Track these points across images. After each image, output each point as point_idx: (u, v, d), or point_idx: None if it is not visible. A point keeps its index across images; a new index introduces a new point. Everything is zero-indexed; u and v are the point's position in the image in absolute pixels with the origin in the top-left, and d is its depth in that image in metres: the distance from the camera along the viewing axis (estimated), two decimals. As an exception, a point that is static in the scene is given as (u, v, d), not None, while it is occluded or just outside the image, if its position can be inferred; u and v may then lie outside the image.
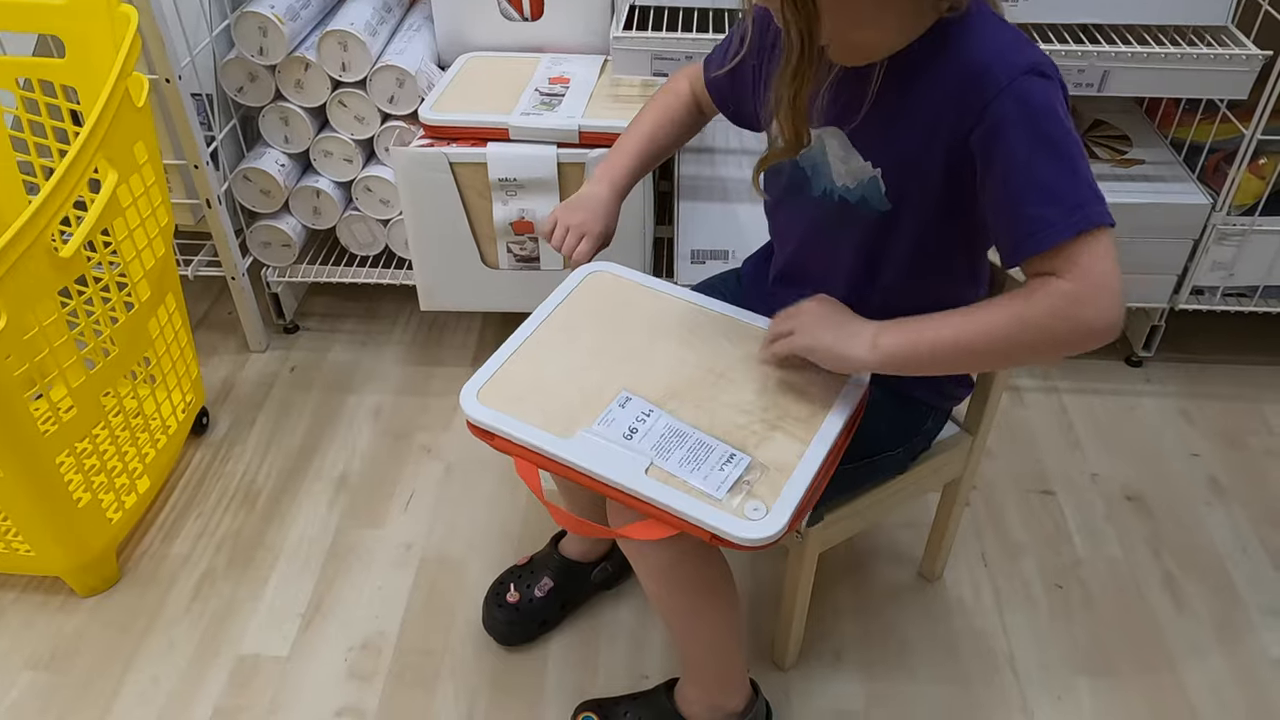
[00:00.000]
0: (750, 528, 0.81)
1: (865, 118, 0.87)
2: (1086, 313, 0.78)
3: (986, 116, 0.80)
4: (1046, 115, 0.80)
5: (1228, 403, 1.63)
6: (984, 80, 0.80)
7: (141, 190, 1.29)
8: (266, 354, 1.74)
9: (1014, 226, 0.82)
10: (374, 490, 1.48)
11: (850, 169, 0.91)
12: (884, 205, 0.91)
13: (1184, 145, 1.58)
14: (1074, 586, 1.34)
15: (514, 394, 0.93)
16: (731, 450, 0.88)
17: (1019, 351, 0.84)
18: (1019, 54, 0.81)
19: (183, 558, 1.38)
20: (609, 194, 1.05)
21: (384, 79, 1.51)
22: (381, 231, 1.67)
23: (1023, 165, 0.80)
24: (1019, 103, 0.80)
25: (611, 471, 0.85)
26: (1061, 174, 0.79)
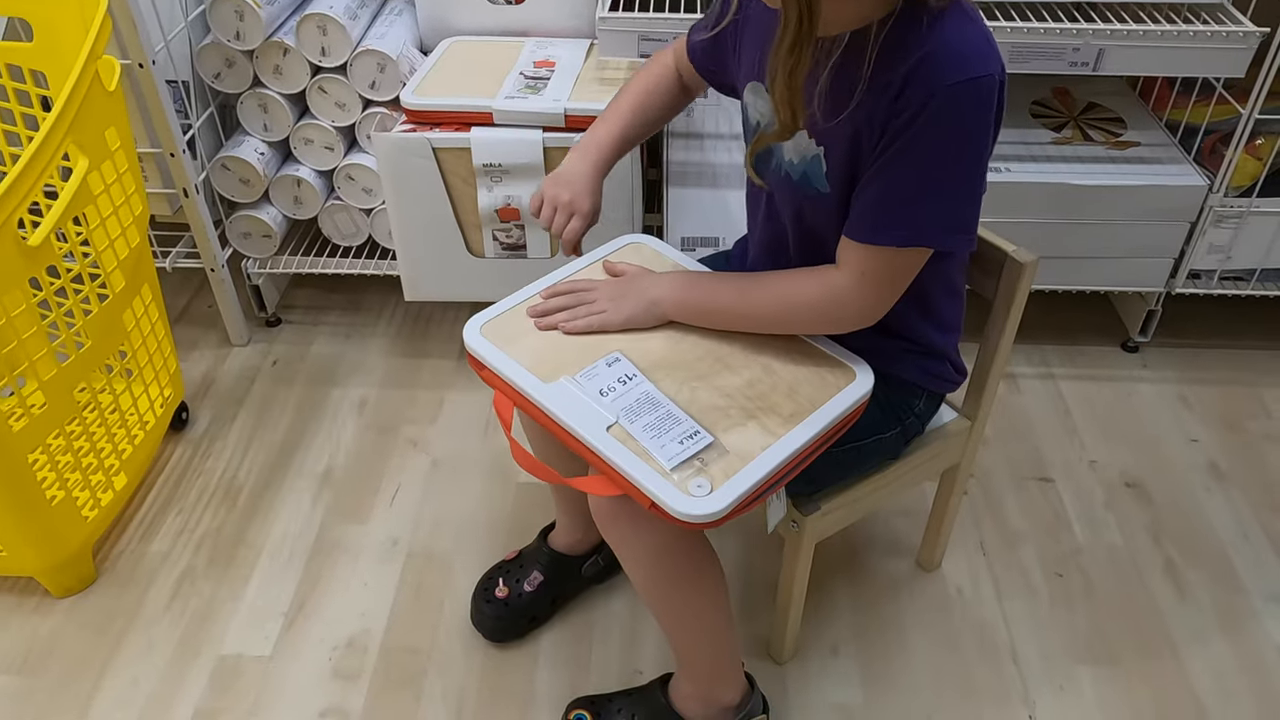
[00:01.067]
0: (688, 502, 0.80)
1: (818, 93, 0.84)
2: (834, 314, 0.91)
3: (926, 109, 0.78)
4: (958, 138, 0.80)
5: (1226, 387, 1.61)
6: (934, 74, 0.78)
7: (114, 177, 1.25)
8: (248, 348, 1.70)
9: (873, 206, 0.85)
10: (359, 485, 1.45)
11: (796, 144, 0.89)
12: (824, 186, 0.89)
13: (1179, 127, 1.56)
14: (1074, 575, 1.32)
15: (513, 334, 0.97)
16: (697, 428, 0.86)
17: (787, 324, 0.95)
18: (978, 56, 0.79)
19: (162, 556, 1.34)
20: (593, 169, 1.03)
21: (365, 64, 1.47)
22: (364, 221, 1.63)
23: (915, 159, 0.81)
24: (942, 113, 0.78)
25: (574, 421, 0.87)
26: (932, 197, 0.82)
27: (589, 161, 1.03)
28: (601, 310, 0.96)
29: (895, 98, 0.79)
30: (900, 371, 0.98)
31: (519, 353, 0.94)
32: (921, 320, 0.98)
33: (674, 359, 0.93)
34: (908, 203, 0.83)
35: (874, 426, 1.00)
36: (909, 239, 0.85)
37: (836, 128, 0.84)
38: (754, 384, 0.91)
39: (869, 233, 0.85)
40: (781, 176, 0.93)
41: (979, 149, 0.82)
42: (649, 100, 1.07)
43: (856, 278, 0.87)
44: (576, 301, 0.98)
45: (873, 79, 0.80)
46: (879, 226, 0.85)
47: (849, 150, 0.85)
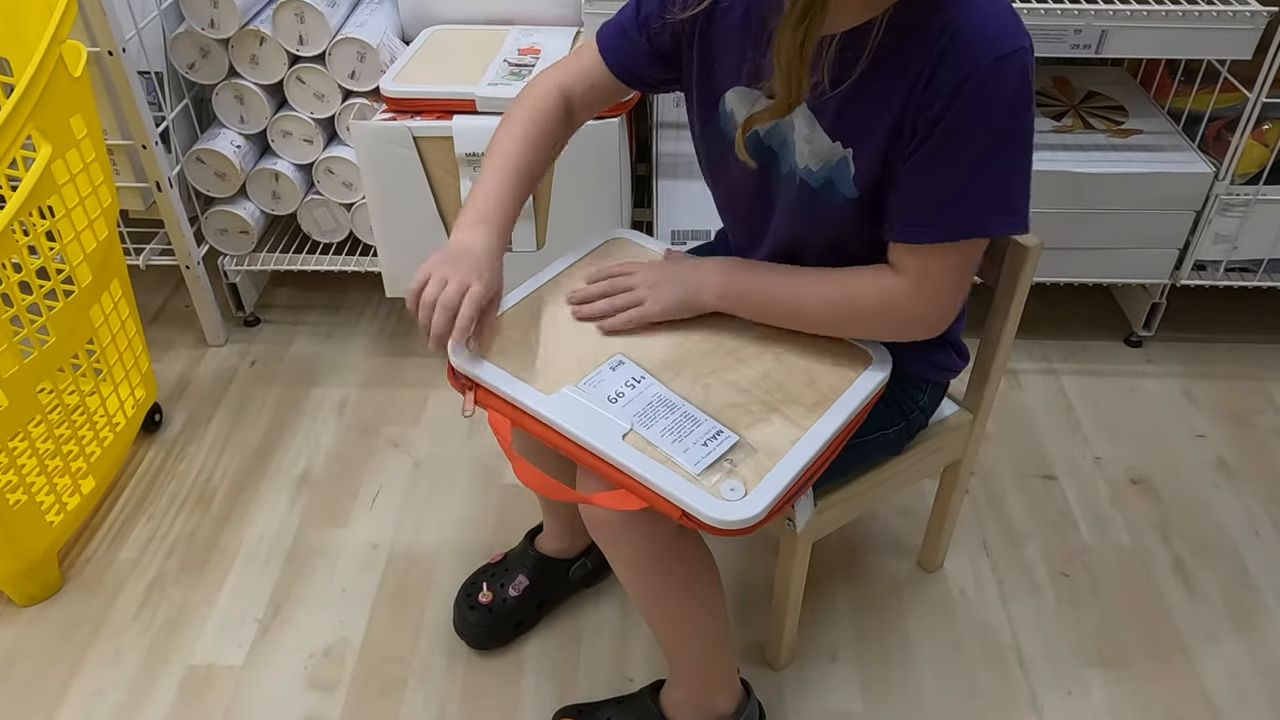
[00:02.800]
0: (723, 508, 0.75)
1: (837, 90, 0.78)
2: (902, 318, 0.85)
3: (960, 95, 0.74)
4: (1007, 108, 0.75)
5: (1232, 382, 1.57)
6: (966, 55, 0.73)
7: (80, 167, 1.20)
8: (225, 348, 1.65)
9: (915, 206, 0.80)
10: (338, 488, 1.39)
11: (814, 150, 0.83)
12: (851, 192, 0.83)
13: (1182, 116, 1.52)
14: (1081, 574, 1.27)
15: (503, 345, 0.89)
16: (719, 427, 0.81)
17: (843, 328, 0.89)
18: (997, 35, 0.74)
19: (131, 563, 1.28)
20: (491, 243, 0.86)
21: (344, 53, 1.43)
22: (345, 216, 1.58)
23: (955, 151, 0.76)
24: (987, 86, 0.74)
25: (586, 433, 0.80)
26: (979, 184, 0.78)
27: (482, 235, 0.86)
28: (639, 301, 0.90)
29: (926, 85, 0.75)
30: (905, 363, 0.94)
31: (513, 365, 0.87)
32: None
33: (681, 356, 0.88)
34: (960, 192, 0.78)
35: (877, 421, 0.96)
36: (967, 230, 0.79)
37: (862, 125, 0.79)
38: (769, 375, 0.86)
39: (921, 231, 0.80)
40: (796, 186, 0.86)
41: (1025, 124, 0.77)
42: (536, 149, 0.92)
43: (917, 282, 0.82)
44: (613, 289, 0.92)
45: (897, 66, 0.76)
46: (932, 222, 0.79)
47: (882, 150, 0.80)
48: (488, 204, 0.88)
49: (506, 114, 0.94)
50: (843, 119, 0.81)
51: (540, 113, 0.93)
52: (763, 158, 0.88)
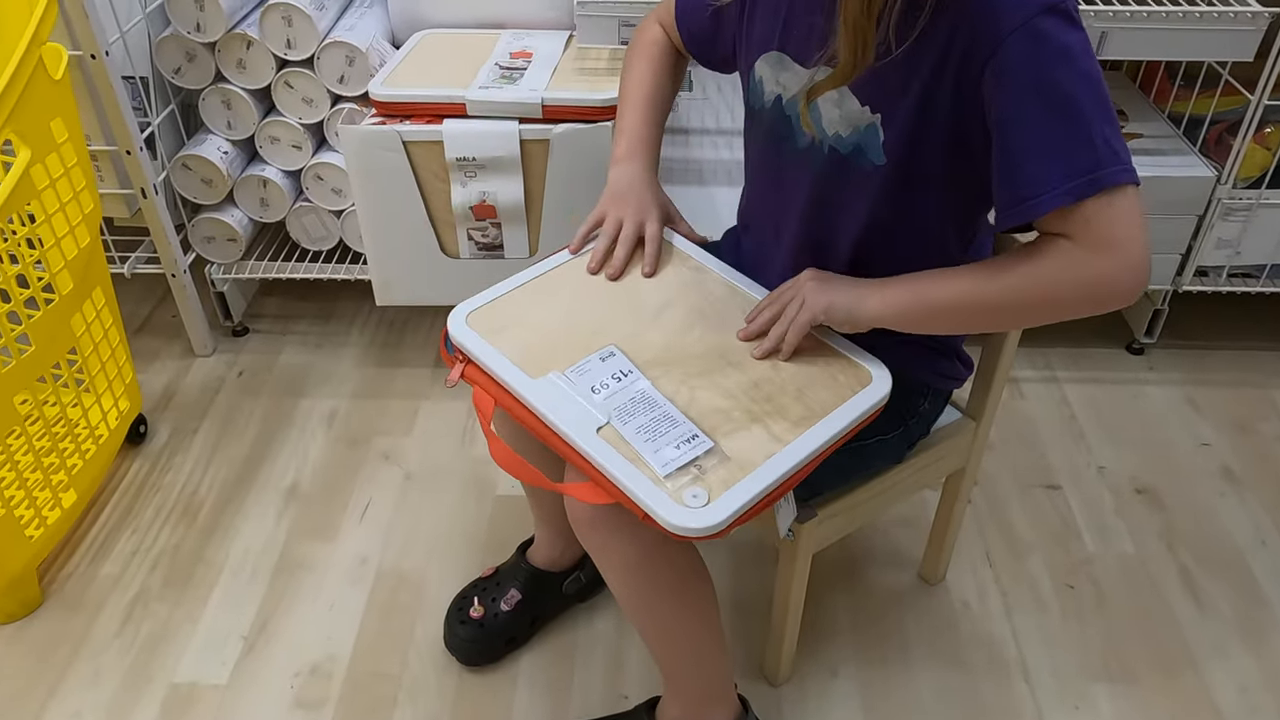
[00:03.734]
0: (682, 514, 0.73)
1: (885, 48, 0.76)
2: (1098, 276, 0.74)
3: (1000, 52, 0.71)
4: (1062, 59, 0.71)
5: (1235, 389, 1.55)
6: (1000, 11, 0.71)
7: (61, 171, 1.17)
8: (212, 358, 1.62)
9: (1010, 186, 0.75)
10: (327, 500, 1.36)
11: (844, 115, 0.81)
12: (879, 158, 0.81)
13: (1182, 120, 1.50)
14: (1086, 586, 1.24)
15: (501, 324, 0.89)
16: (696, 431, 0.79)
17: (1027, 314, 0.81)
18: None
19: (113, 578, 1.25)
20: (649, 172, 0.96)
21: (333, 57, 1.40)
22: (334, 224, 1.56)
23: (1025, 116, 0.72)
24: (1034, 42, 0.71)
25: (562, 421, 0.79)
26: (1068, 129, 0.72)
27: (637, 164, 0.95)
28: (801, 303, 0.85)
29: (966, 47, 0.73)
30: (906, 369, 0.91)
31: (506, 344, 0.86)
32: None
33: (674, 354, 0.86)
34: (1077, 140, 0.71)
35: (876, 428, 0.92)
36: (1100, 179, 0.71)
37: (892, 90, 0.77)
38: (760, 384, 0.84)
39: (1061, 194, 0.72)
40: (825, 154, 0.84)
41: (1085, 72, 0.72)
42: (662, 82, 1.00)
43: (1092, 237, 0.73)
44: (781, 307, 0.86)
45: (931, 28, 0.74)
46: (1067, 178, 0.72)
47: (916, 115, 0.77)
48: (635, 136, 0.96)
49: (626, 57, 1.02)
50: (871, 84, 0.79)
51: (656, 45, 1.00)
52: (783, 127, 0.87)
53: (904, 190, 0.82)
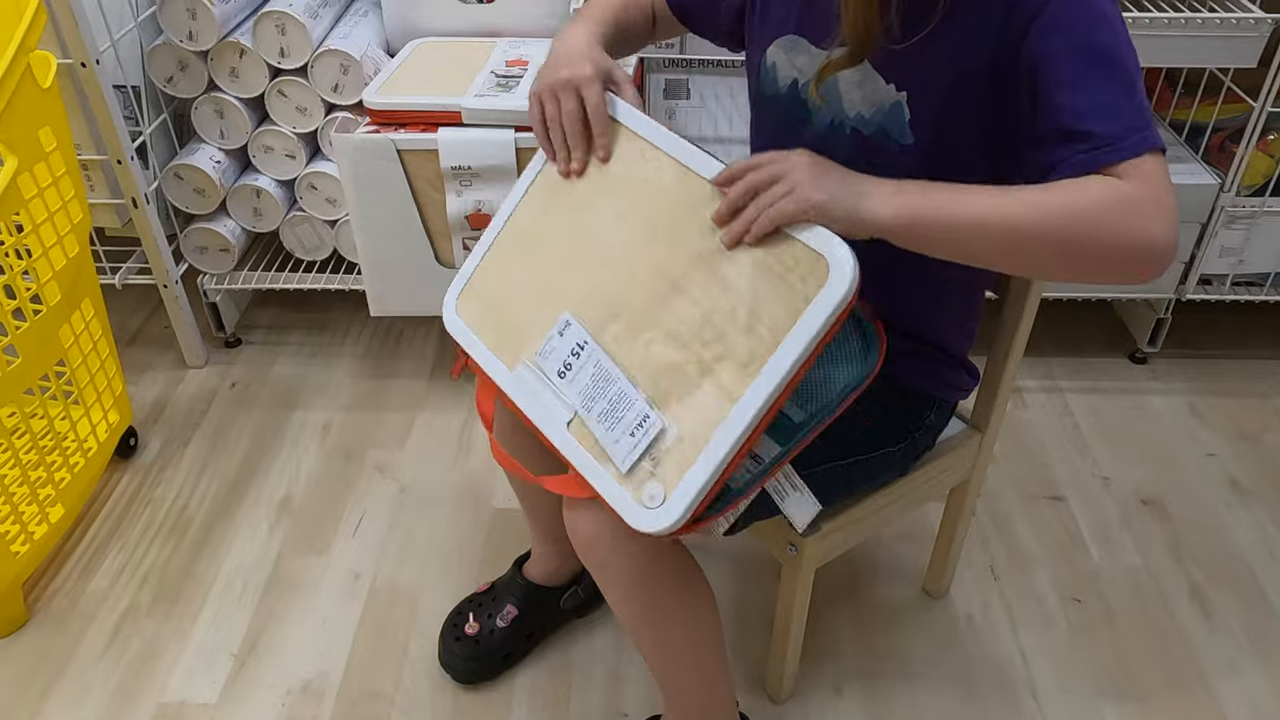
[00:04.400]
0: (644, 517, 0.72)
1: (896, 35, 0.74)
2: (1142, 221, 0.66)
3: (1043, 14, 0.69)
4: (1108, 24, 0.70)
5: (1240, 399, 1.53)
6: None
7: (49, 181, 1.15)
8: (205, 369, 1.60)
9: (1063, 143, 0.69)
10: (320, 514, 1.34)
11: (866, 95, 0.79)
12: (906, 138, 0.78)
13: (1183, 127, 1.49)
14: (1093, 600, 1.22)
15: (483, 303, 0.88)
16: (647, 411, 0.75)
17: (1054, 253, 0.69)
18: None
19: (101, 594, 1.22)
20: (589, 32, 0.85)
21: (327, 65, 1.39)
22: (329, 233, 1.54)
23: (1079, 76, 0.69)
24: (1077, 6, 0.69)
25: (539, 419, 0.80)
26: (1121, 91, 0.69)
27: (580, 28, 0.85)
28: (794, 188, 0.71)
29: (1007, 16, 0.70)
30: (912, 379, 0.89)
31: (487, 329, 0.86)
32: (941, 317, 0.88)
33: (626, 292, 0.79)
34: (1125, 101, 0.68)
35: (881, 440, 0.91)
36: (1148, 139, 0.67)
37: (921, 67, 0.75)
38: (710, 317, 0.74)
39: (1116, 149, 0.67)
40: (847, 136, 0.81)
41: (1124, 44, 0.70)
42: (628, 13, 0.92)
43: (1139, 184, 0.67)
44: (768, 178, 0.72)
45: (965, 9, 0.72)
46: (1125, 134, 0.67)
47: (948, 91, 0.75)
48: (591, 12, 0.89)
49: None
50: (897, 60, 0.76)
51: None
52: (800, 113, 0.84)
53: (932, 170, 0.77)
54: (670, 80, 1.48)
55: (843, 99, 0.80)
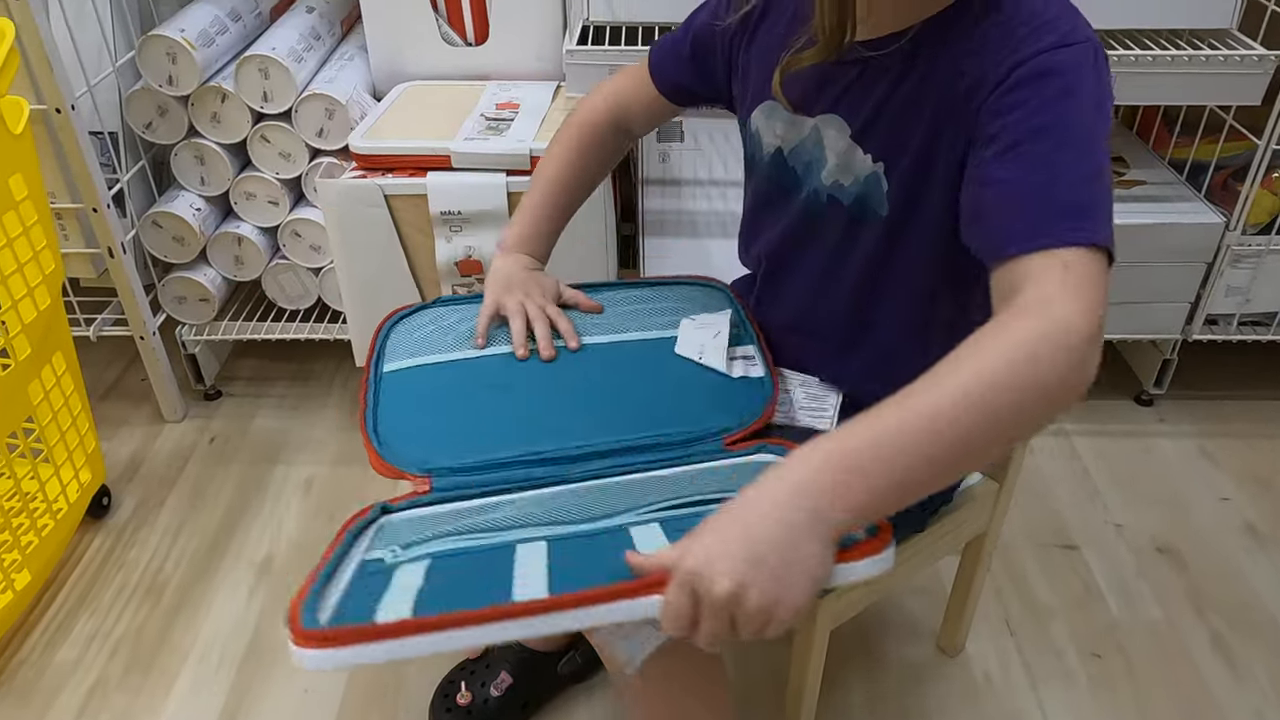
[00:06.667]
0: None
1: (876, 105, 0.73)
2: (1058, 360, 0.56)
3: (1001, 86, 0.66)
4: (1069, 101, 0.64)
5: (1251, 441, 1.49)
6: (1012, 49, 0.66)
7: (19, 230, 1.11)
8: (183, 424, 1.54)
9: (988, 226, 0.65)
10: (302, 576, 1.25)
11: (844, 164, 0.77)
12: (882, 209, 0.76)
13: (1184, 166, 1.47)
14: (1113, 654, 1.17)
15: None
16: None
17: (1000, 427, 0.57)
18: (1061, 25, 0.67)
19: (70, 665, 1.15)
20: (526, 266, 0.93)
21: (311, 109, 1.35)
22: (313, 281, 1.49)
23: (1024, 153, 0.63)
24: (1043, 77, 0.65)
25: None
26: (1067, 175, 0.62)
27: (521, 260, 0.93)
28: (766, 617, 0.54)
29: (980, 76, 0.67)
30: None
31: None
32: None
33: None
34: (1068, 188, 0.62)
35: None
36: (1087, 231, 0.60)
37: (898, 138, 0.73)
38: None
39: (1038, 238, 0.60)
40: (824, 204, 0.79)
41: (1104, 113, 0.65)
42: (582, 164, 0.95)
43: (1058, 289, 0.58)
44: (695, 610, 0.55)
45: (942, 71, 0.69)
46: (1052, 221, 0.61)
47: (918, 160, 0.72)
48: (525, 231, 0.93)
49: (557, 133, 0.96)
50: (874, 131, 0.74)
51: (588, 126, 0.94)
52: (786, 178, 0.83)
53: (904, 241, 0.77)
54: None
55: (824, 169, 0.78)
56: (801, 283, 0.86)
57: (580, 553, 0.64)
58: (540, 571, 0.61)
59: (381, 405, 0.83)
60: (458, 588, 0.61)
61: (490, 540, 0.67)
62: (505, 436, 0.78)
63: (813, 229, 0.82)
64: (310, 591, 0.61)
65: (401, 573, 0.63)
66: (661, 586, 0.56)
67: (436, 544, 0.67)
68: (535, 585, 0.59)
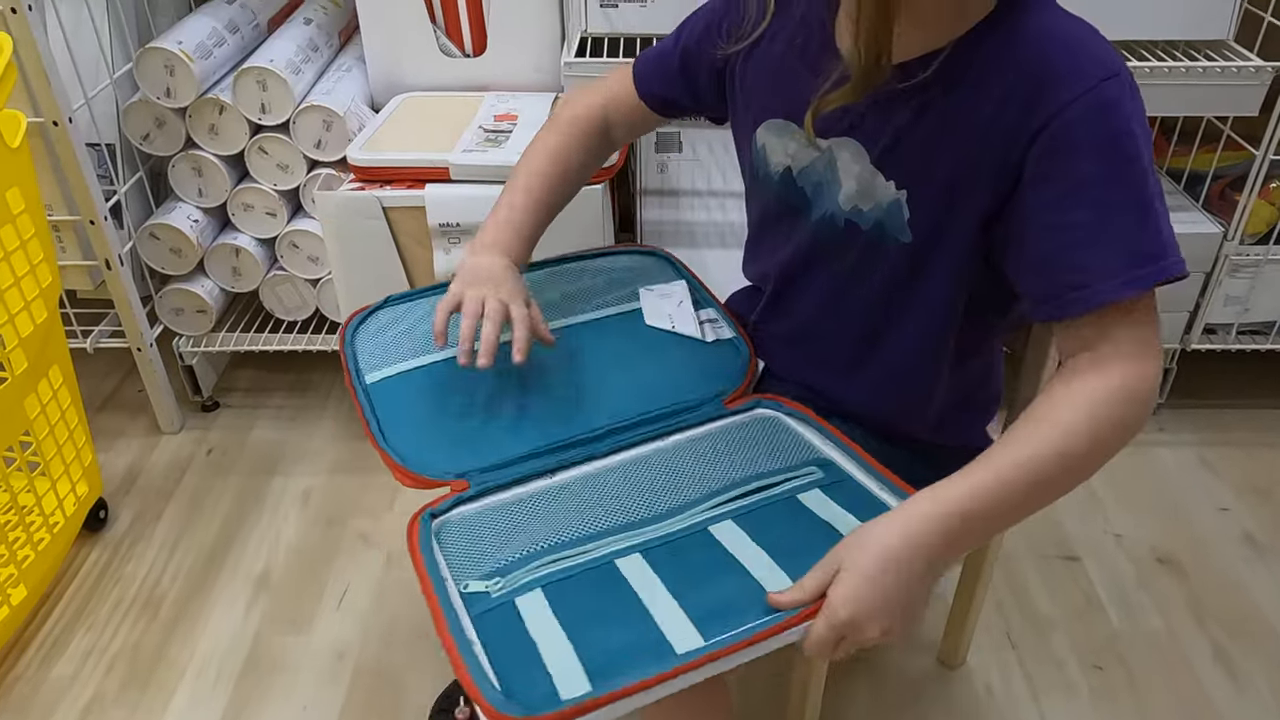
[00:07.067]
0: None
1: (897, 132, 0.72)
2: (1133, 411, 0.65)
3: (1055, 123, 0.65)
4: (1128, 136, 0.65)
5: (1251, 450, 1.49)
6: (1059, 80, 0.65)
7: (16, 244, 1.10)
8: (180, 435, 1.53)
9: (1054, 272, 0.67)
10: (301, 588, 1.27)
11: (864, 189, 0.76)
12: (904, 236, 0.75)
13: (1181, 175, 1.47)
14: (1115, 666, 1.16)
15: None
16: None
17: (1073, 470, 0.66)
18: (1098, 51, 0.67)
19: (67, 680, 1.15)
20: (504, 264, 0.84)
21: (309, 121, 1.35)
22: (311, 293, 1.49)
23: (1082, 195, 0.65)
24: (1100, 113, 0.64)
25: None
26: (1136, 213, 0.65)
27: (498, 257, 0.84)
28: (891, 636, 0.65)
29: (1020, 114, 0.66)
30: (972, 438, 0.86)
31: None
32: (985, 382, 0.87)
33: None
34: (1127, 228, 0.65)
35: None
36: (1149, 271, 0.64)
37: (924, 166, 0.72)
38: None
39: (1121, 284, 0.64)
40: (840, 229, 0.78)
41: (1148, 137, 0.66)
42: (569, 158, 0.90)
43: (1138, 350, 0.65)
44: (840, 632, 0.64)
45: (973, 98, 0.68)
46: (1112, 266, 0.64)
47: (947, 190, 0.71)
48: (500, 230, 0.86)
49: (544, 124, 0.92)
50: (896, 157, 0.73)
51: (579, 122, 0.91)
52: (795, 198, 0.81)
53: (926, 268, 0.76)
54: (661, 133, 1.45)
55: (839, 192, 0.77)
56: (811, 301, 0.85)
57: (680, 564, 0.69)
58: (667, 601, 0.66)
59: (383, 419, 0.83)
60: (606, 632, 0.64)
61: (583, 557, 0.70)
62: (519, 430, 0.81)
63: (827, 251, 0.81)
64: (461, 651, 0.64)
65: (525, 610, 0.66)
66: (802, 620, 0.64)
67: (531, 569, 0.69)
68: (680, 626, 0.64)
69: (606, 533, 0.72)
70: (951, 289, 0.77)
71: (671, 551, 0.70)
